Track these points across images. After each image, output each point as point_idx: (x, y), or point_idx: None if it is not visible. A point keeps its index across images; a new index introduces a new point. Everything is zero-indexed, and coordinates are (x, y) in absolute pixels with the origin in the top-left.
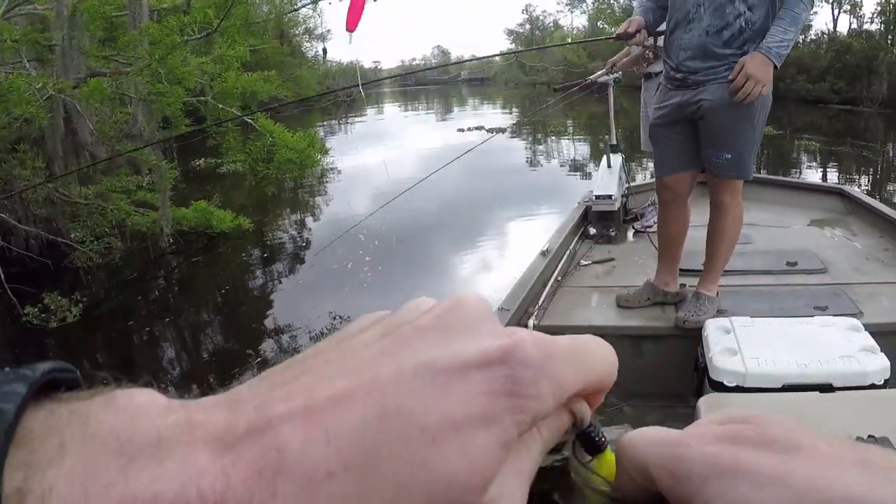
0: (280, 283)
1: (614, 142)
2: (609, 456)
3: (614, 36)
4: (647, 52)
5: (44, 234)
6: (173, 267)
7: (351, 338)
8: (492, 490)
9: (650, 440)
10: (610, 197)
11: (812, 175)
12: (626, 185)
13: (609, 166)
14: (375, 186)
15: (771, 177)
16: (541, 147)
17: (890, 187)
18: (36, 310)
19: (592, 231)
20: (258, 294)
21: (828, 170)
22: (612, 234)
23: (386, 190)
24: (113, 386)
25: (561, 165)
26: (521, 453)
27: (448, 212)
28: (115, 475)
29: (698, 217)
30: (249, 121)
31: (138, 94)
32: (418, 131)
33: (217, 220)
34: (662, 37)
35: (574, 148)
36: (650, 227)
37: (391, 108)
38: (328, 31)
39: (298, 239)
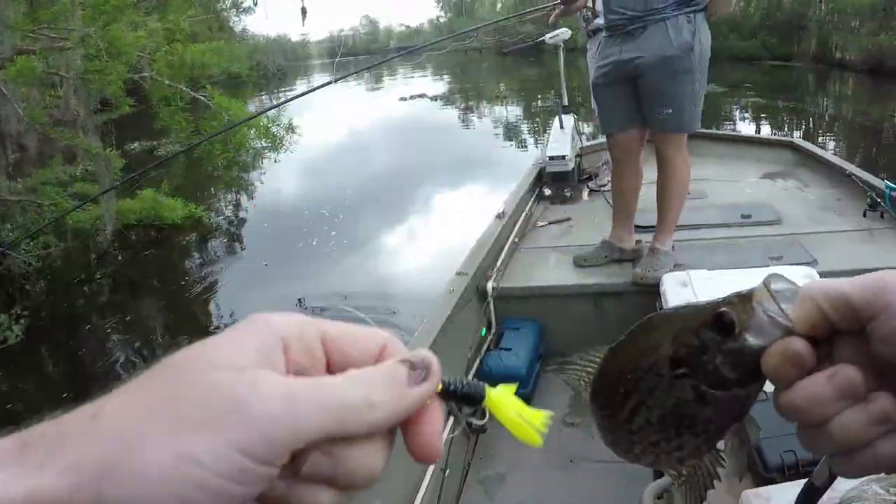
0: (233, 270)
1: (566, 102)
2: (495, 393)
3: (560, 1)
4: (585, 10)
5: None
6: (121, 264)
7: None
8: None
9: (843, 281)
10: (563, 157)
11: (750, 129)
12: (580, 146)
13: (561, 127)
14: (314, 160)
15: (722, 132)
16: (480, 112)
17: (822, 139)
18: None
19: (548, 192)
20: (213, 285)
21: (762, 124)
22: (568, 194)
23: (325, 163)
24: None
25: (499, 128)
26: None
27: (390, 183)
28: None
29: (650, 174)
30: (202, 97)
31: (74, 71)
32: (353, 102)
33: (167, 211)
34: None
35: (516, 111)
36: (605, 185)
37: (322, 80)
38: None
39: (247, 220)
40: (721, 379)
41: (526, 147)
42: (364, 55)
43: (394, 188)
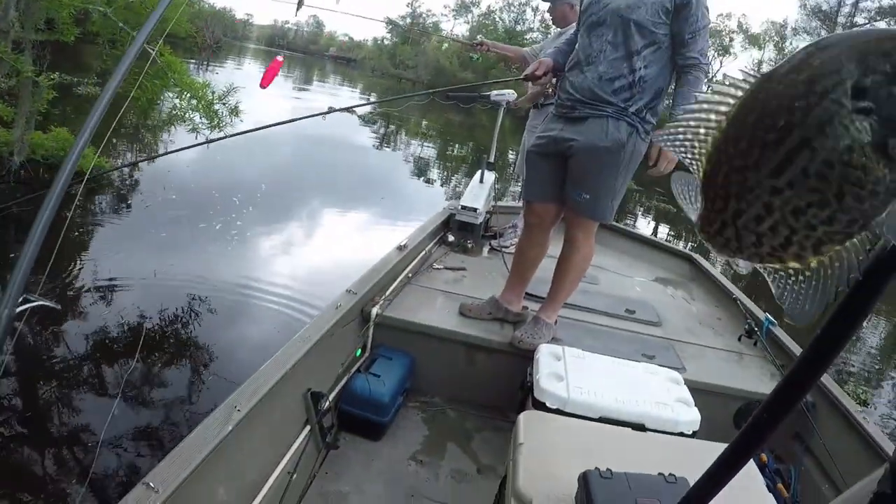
0: (126, 233)
1: (492, 160)
2: None
3: (522, 76)
4: (547, 88)
5: None
6: (8, 199)
7: None
8: None
9: None
10: (475, 210)
11: (648, 229)
12: (493, 204)
13: (481, 181)
14: (235, 146)
15: (630, 230)
16: (398, 142)
17: (713, 255)
18: None
19: (451, 238)
20: (98, 242)
21: (660, 227)
22: (469, 245)
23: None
24: None
25: (412, 162)
26: None
27: (302, 189)
28: None
29: (554, 248)
30: (150, 50)
31: None
32: (282, 101)
33: (81, 158)
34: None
35: (431, 151)
36: (507, 247)
37: (252, 65)
38: None
39: (153, 187)
40: None
41: (432, 186)
42: (301, 52)
43: (305, 194)
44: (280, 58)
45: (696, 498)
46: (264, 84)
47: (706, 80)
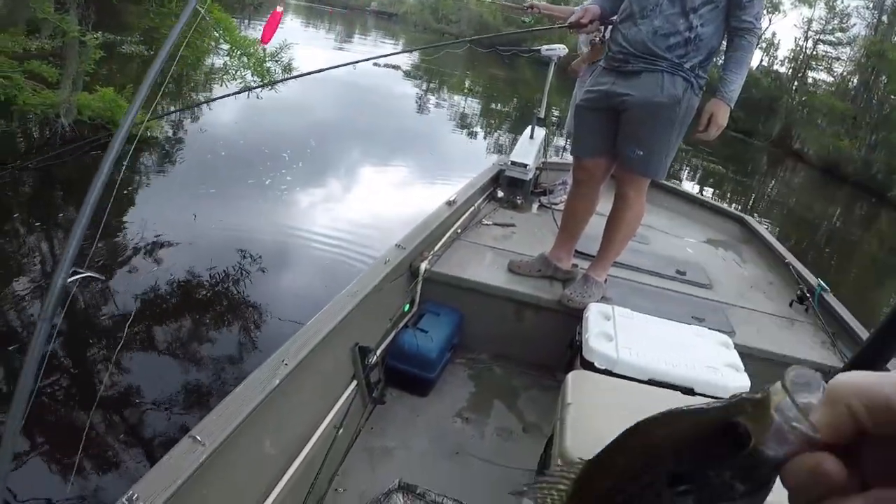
0: (176, 190)
1: (542, 115)
2: None
3: (567, 24)
4: (594, 37)
5: None
6: (60, 160)
7: None
8: None
9: (882, 381)
10: (525, 166)
11: (695, 190)
12: (543, 160)
13: (531, 137)
14: (283, 101)
15: (681, 189)
16: (441, 97)
17: (759, 219)
18: None
19: (500, 194)
20: (148, 200)
21: (706, 188)
22: (519, 201)
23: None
24: None
25: (457, 118)
26: None
27: (351, 143)
28: None
29: (604, 205)
30: (199, 8)
31: None
32: (326, 56)
33: (123, 115)
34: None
35: (475, 107)
36: (556, 204)
37: (293, 21)
38: None
39: (202, 145)
40: (729, 493)
41: (476, 141)
42: (342, 8)
43: (352, 149)
44: (279, 8)
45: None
46: (265, 40)
47: (756, 45)
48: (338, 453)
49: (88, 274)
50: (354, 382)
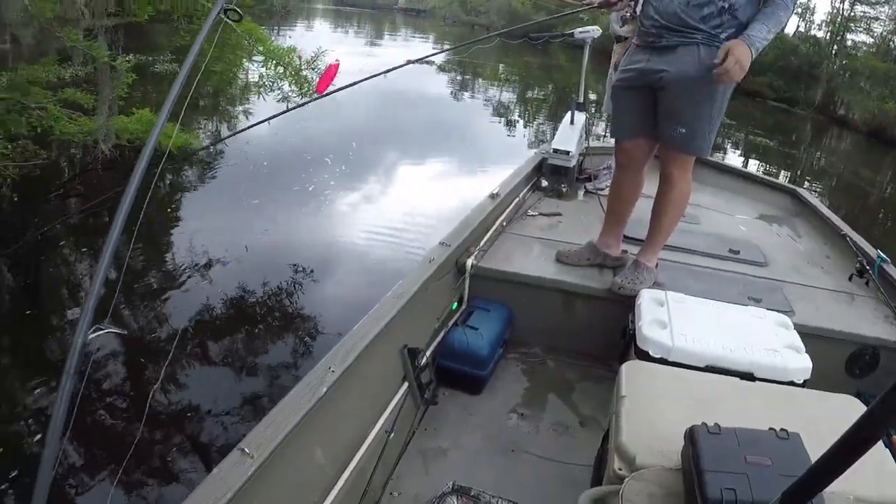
0: (220, 203)
1: (581, 100)
2: None
3: (596, 5)
4: (625, 12)
5: None
6: (102, 184)
7: None
8: None
9: None
10: (568, 153)
11: (739, 163)
12: (585, 145)
13: (572, 123)
14: (321, 105)
15: (727, 164)
16: (475, 88)
17: (808, 188)
18: None
19: (544, 183)
20: (194, 216)
21: (751, 160)
22: (564, 189)
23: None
24: None
25: (492, 108)
26: None
27: (390, 142)
28: None
29: (651, 187)
30: (229, 21)
31: None
32: (359, 56)
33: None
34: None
35: (510, 96)
36: (602, 189)
37: (322, 25)
38: None
39: (243, 155)
40: None
41: (515, 130)
42: (370, 8)
43: (393, 149)
44: (336, 61)
45: (815, 479)
46: (320, 90)
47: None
48: (391, 457)
49: (111, 329)
50: (405, 385)
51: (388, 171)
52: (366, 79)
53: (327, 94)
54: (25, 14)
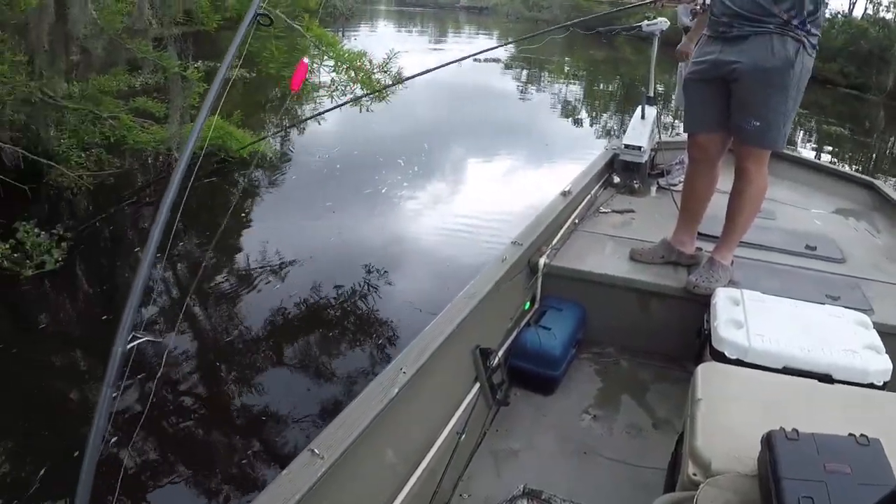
0: (295, 208)
1: (651, 94)
2: None
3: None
4: (696, 6)
5: (11, 147)
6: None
7: None
8: None
9: None
10: (639, 148)
11: (811, 154)
12: (657, 140)
13: (643, 118)
14: (391, 107)
15: (801, 157)
16: (541, 84)
17: (884, 180)
18: (7, 247)
19: (616, 180)
20: (270, 221)
21: (825, 151)
22: (636, 186)
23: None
24: None
25: (560, 104)
26: None
27: (459, 141)
28: None
29: (725, 182)
30: (297, 26)
31: None
32: (424, 55)
33: (235, 142)
34: None
35: (577, 91)
36: (675, 185)
37: (386, 27)
38: None
39: (316, 160)
40: None
41: (583, 125)
42: (432, 7)
43: (464, 147)
44: (305, 60)
45: None
46: (294, 88)
47: None
48: (462, 459)
49: (148, 338)
50: (477, 385)
51: (460, 171)
52: (435, 68)
53: (399, 84)
54: (94, 27)
